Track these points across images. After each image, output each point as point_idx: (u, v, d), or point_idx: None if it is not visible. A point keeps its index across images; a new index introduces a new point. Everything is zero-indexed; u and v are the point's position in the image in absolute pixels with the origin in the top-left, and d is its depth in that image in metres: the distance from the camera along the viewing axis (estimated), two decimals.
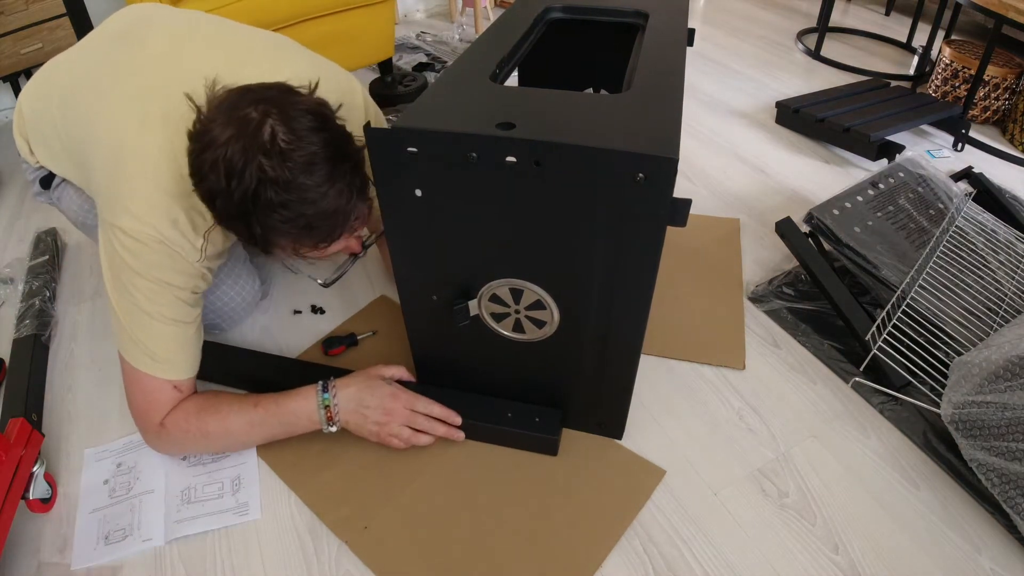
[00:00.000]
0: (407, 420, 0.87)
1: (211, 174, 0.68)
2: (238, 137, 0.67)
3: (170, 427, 0.84)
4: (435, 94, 0.74)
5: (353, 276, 1.26)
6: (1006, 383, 0.82)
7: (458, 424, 0.90)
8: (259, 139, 0.67)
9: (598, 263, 0.71)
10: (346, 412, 0.86)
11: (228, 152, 0.67)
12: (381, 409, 0.86)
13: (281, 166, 0.67)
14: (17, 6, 1.62)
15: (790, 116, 1.73)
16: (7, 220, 1.48)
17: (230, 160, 0.67)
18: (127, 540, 0.83)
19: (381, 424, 0.86)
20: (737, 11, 2.67)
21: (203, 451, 0.90)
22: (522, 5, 1.03)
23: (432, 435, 0.89)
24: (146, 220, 0.77)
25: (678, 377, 1.03)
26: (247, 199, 0.68)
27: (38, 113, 0.93)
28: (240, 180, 0.67)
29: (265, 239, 0.73)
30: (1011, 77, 1.71)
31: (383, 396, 0.87)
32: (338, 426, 0.86)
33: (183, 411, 0.84)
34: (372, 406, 0.86)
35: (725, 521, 0.84)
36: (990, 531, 0.82)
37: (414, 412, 0.88)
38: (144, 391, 0.83)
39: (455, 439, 0.91)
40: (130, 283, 0.78)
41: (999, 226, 1.23)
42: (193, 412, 0.84)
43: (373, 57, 1.88)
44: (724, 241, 1.32)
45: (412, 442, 0.88)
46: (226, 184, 0.68)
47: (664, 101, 0.70)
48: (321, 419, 0.85)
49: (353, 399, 0.86)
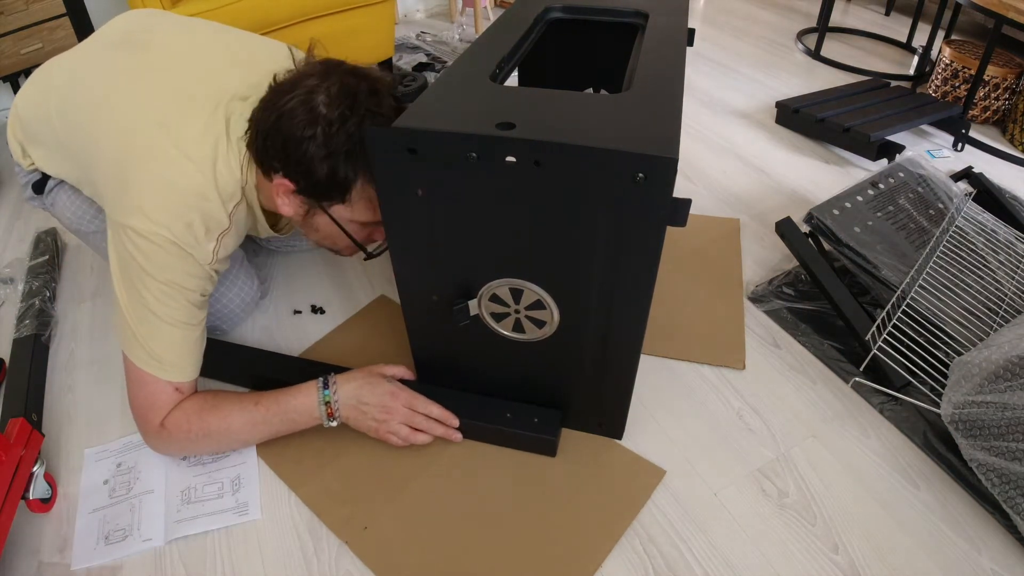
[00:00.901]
0: (406, 419, 0.88)
1: (303, 114, 0.74)
2: (342, 89, 0.75)
3: (171, 428, 0.84)
4: (435, 94, 0.74)
5: (353, 276, 1.26)
6: (1006, 383, 0.82)
7: (456, 426, 0.90)
8: (358, 86, 0.75)
9: (598, 263, 0.71)
10: (346, 408, 0.86)
11: (332, 95, 0.74)
12: (380, 407, 0.86)
13: (381, 103, 0.77)
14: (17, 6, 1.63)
15: (790, 116, 1.73)
16: (7, 220, 1.48)
17: (339, 99, 0.74)
18: (127, 540, 0.83)
19: (380, 421, 0.87)
20: (737, 11, 2.67)
21: (204, 451, 0.90)
22: (522, 5, 1.03)
23: (430, 435, 0.90)
24: (159, 221, 0.77)
25: (678, 377, 1.03)
26: (351, 136, 0.74)
27: (35, 115, 0.93)
28: (348, 119, 0.74)
29: (346, 178, 0.77)
30: (1011, 77, 1.71)
31: (382, 394, 0.87)
32: (338, 421, 0.87)
33: (184, 411, 0.84)
34: (371, 403, 0.86)
35: (725, 521, 0.84)
36: (990, 531, 0.82)
37: (413, 411, 0.88)
38: (146, 392, 0.83)
39: (453, 440, 0.91)
40: (140, 283, 0.78)
41: (999, 226, 1.23)
42: (194, 412, 0.84)
43: (373, 57, 1.88)
44: (724, 241, 1.32)
45: (410, 440, 0.88)
46: (328, 125, 0.74)
47: (664, 101, 0.70)
48: (322, 415, 0.86)
49: (353, 396, 0.86)
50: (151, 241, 0.76)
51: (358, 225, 0.85)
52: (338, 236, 0.86)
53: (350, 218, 0.83)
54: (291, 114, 0.75)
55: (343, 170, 0.77)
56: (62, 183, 1.00)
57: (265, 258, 1.30)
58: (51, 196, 1.02)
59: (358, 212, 0.82)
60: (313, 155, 0.75)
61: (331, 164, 0.76)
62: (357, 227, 0.85)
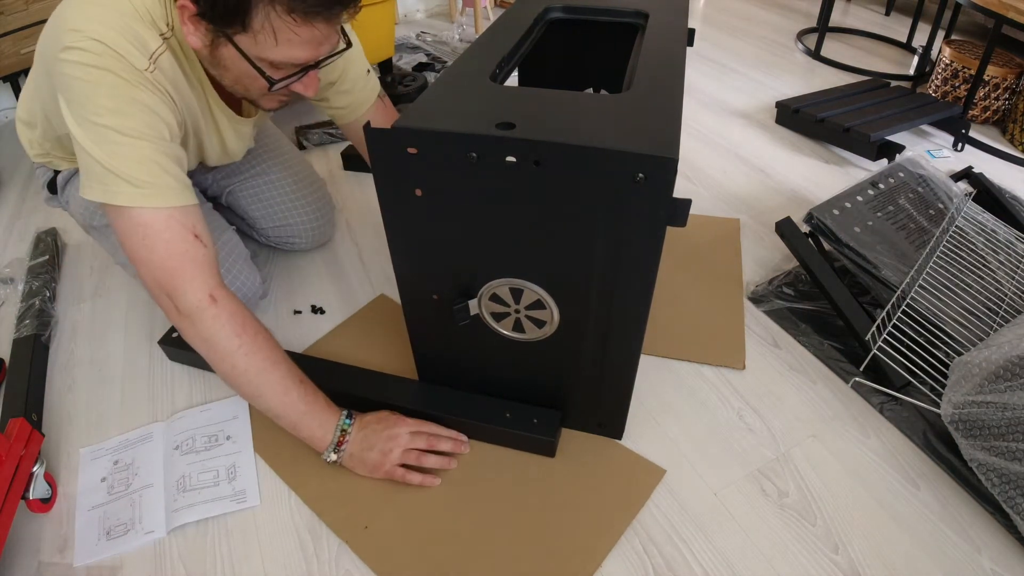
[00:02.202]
0: (409, 444, 0.86)
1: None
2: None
3: (223, 310, 0.75)
4: (435, 94, 0.74)
5: (353, 276, 1.26)
6: (1006, 383, 0.82)
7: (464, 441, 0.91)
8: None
9: (598, 263, 0.71)
10: (353, 443, 0.86)
11: None
12: (386, 437, 0.86)
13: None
14: (17, 6, 1.63)
15: (790, 116, 1.73)
16: (7, 220, 1.48)
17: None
18: (129, 534, 0.83)
19: (385, 452, 0.85)
20: (737, 11, 2.67)
21: (220, 368, 0.79)
22: (522, 5, 1.03)
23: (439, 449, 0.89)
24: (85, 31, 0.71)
25: (678, 377, 1.03)
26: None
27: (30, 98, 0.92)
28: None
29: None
30: (1011, 77, 1.71)
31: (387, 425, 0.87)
32: (340, 456, 0.86)
33: (237, 304, 0.78)
34: (378, 436, 0.86)
35: (725, 521, 0.84)
36: (990, 531, 0.82)
37: (416, 433, 0.87)
38: (155, 240, 0.73)
39: (462, 451, 0.91)
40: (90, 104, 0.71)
41: (999, 226, 1.23)
42: (249, 319, 0.78)
43: (373, 57, 1.88)
44: (724, 241, 1.32)
45: (422, 462, 0.87)
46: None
47: (664, 101, 0.70)
48: (332, 440, 0.85)
49: (361, 436, 0.86)
50: (84, 50, 0.71)
51: (268, 64, 0.74)
52: (247, 74, 0.76)
53: (257, 54, 0.73)
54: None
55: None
56: (73, 178, 1.00)
57: (265, 258, 1.30)
58: (66, 194, 1.02)
59: (263, 46, 0.72)
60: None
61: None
62: (268, 66, 0.74)
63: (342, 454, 0.85)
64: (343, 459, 0.86)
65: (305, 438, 0.85)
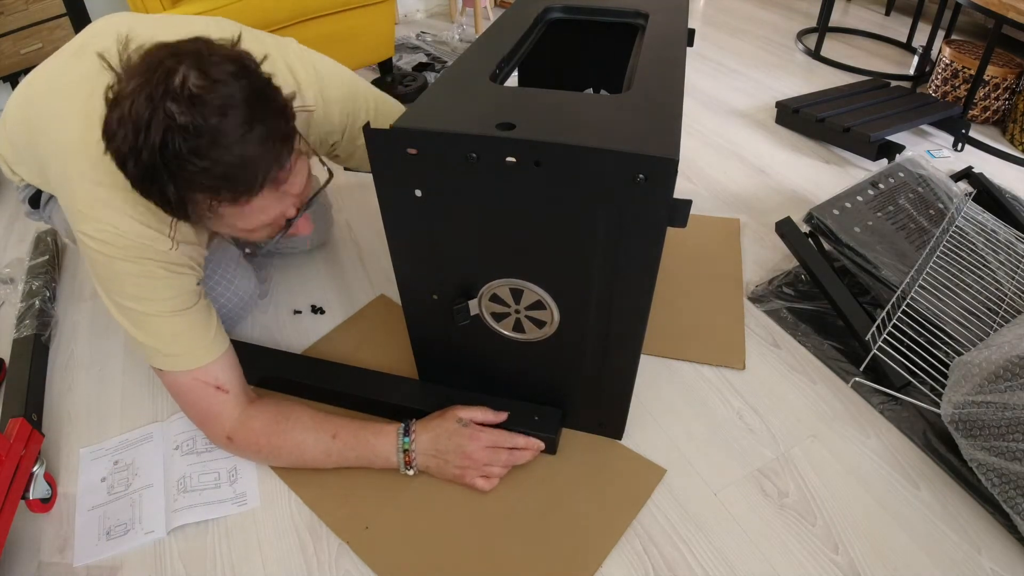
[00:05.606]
0: (488, 460, 0.85)
1: (119, 131, 0.61)
2: (144, 86, 0.60)
3: (240, 443, 0.85)
4: (435, 94, 0.74)
5: (353, 276, 1.26)
6: (1006, 383, 0.82)
7: (542, 448, 0.90)
8: (169, 86, 0.59)
9: (598, 263, 0.71)
10: (424, 457, 0.86)
11: (134, 104, 0.59)
12: (459, 454, 0.85)
13: (191, 111, 0.60)
14: (17, 6, 1.63)
15: (790, 116, 1.73)
16: (7, 220, 1.48)
17: (137, 112, 0.59)
18: (129, 534, 0.83)
19: (462, 468, 0.85)
20: (737, 11, 2.67)
21: (275, 464, 0.90)
22: (522, 5, 1.03)
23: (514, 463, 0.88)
24: (101, 218, 0.73)
25: (678, 377, 1.03)
26: (156, 152, 0.60)
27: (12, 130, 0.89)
28: (147, 132, 0.59)
29: (180, 199, 0.64)
30: (1011, 77, 1.71)
31: (460, 440, 0.85)
32: (415, 470, 0.86)
33: (251, 431, 0.84)
34: (450, 450, 0.85)
35: (725, 521, 0.84)
36: (990, 531, 0.82)
37: (497, 448, 0.86)
38: (190, 399, 0.83)
39: (532, 458, 0.89)
40: (115, 288, 0.77)
41: (999, 226, 1.23)
42: (263, 433, 0.84)
43: (373, 57, 1.88)
44: (724, 241, 1.32)
45: (501, 476, 0.87)
46: (134, 140, 0.60)
47: (664, 101, 0.70)
48: (400, 462, 0.85)
49: (431, 446, 0.86)
50: (104, 241, 0.74)
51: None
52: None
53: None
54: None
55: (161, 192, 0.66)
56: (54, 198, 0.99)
57: (265, 258, 1.30)
58: (47, 209, 1.00)
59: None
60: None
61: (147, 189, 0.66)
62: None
63: (415, 468, 0.86)
64: (422, 469, 0.87)
65: (379, 468, 0.87)
